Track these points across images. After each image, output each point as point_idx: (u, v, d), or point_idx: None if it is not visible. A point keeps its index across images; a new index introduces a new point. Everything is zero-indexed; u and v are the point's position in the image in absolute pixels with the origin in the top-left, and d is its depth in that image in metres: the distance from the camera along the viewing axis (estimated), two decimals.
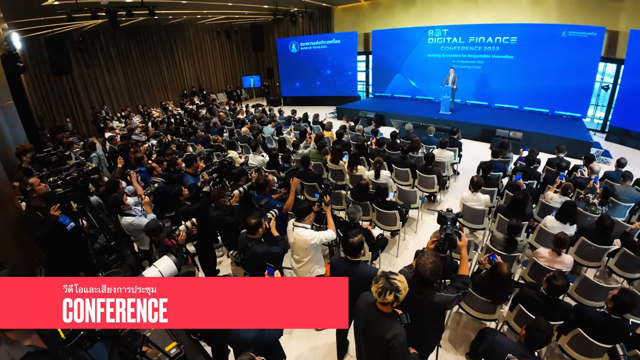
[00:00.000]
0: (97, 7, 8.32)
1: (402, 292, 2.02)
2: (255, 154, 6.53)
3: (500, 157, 6.26)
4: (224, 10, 12.98)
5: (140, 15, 9.79)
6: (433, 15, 12.65)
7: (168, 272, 2.31)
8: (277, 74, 17.04)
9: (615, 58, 9.91)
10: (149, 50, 15.23)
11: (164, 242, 3.18)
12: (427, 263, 2.31)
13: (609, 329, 2.73)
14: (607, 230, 3.90)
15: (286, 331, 3.78)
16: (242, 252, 3.25)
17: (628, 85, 9.46)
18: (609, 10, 9.59)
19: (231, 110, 12.68)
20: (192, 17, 14.19)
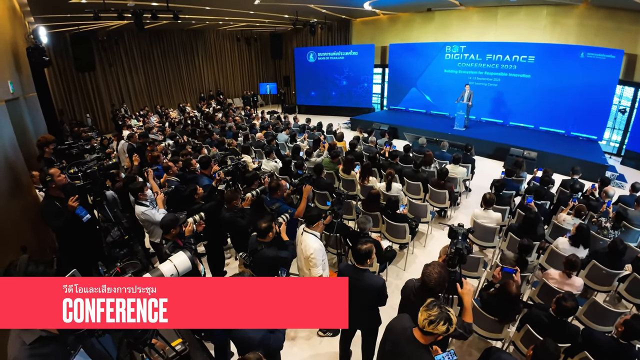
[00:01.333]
0: (123, 8, 8.58)
1: (453, 325, 1.93)
2: (269, 159, 6.61)
3: (513, 176, 6.23)
4: (246, 18, 13.27)
5: (165, 19, 10.06)
6: (451, 32, 12.72)
7: (183, 268, 2.34)
8: (293, 82, 17.28)
9: (634, 81, 9.85)
10: (170, 53, 15.63)
11: (176, 239, 3.23)
12: (432, 273, 2.35)
13: (616, 355, 2.68)
14: (619, 255, 3.86)
15: (289, 337, 3.80)
16: (252, 254, 3.29)
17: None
18: (628, 33, 9.56)
19: (247, 116, 12.86)
20: (214, 23, 14.53)
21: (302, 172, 5.56)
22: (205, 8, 10.30)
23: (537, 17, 10.96)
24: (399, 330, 2.16)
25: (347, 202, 5.34)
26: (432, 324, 1.89)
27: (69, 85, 12.94)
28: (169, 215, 3.30)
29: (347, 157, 6.37)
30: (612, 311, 3.43)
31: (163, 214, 3.80)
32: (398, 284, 4.59)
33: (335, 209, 3.89)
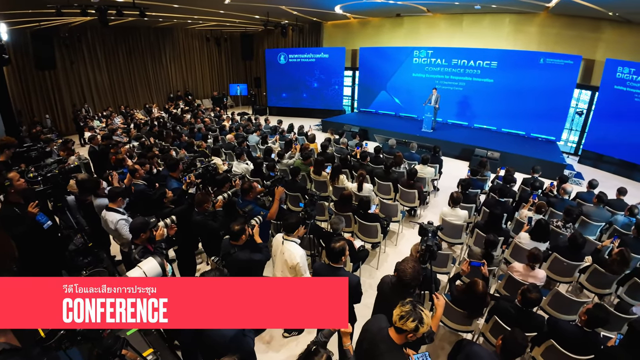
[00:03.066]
0: (87, 4, 8.20)
1: (425, 326, 1.96)
2: (240, 161, 6.53)
3: (478, 175, 6.49)
4: (216, 18, 13.04)
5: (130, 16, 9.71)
6: (419, 37, 13.12)
7: (153, 274, 2.27)
8: (264, 83, 17.13)
9: (590, 85, 10.54)
10: (136, 51, 15.04)
11: (147, 243, 3.12)
12: (407, 268, 2.41)
13: (581, 342, 2.84)
14: (579, 248, 4.09)
15: (264, 340, 3.76)
16: (224, 258, 3.23)
17: (601, 111, 10.05)
18: (587, 40, 10.24)
19: (216, 117, 12.63)
20: (183, 21, 14.18)
21: (274, 174, 5.53)
22: (174, 6, 10.03)
23: (500, 24, 11.54)
24: (376, 330, 2.18)
25: (320, 203, 5.36)
26: (402, 319, 1.94)
27: (28, 85, 12.12)
28: (139, 219, 3.18)
29: (317, 158, 6.40)
30: (574, 301, 3.64)
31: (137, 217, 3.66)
32: (371, 282, 4.67)
33: (308, 210, 3.89)
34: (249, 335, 2.40)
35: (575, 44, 10.35)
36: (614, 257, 3.98)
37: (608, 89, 9.77)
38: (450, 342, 3.67)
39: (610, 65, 9.63)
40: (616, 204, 5.73)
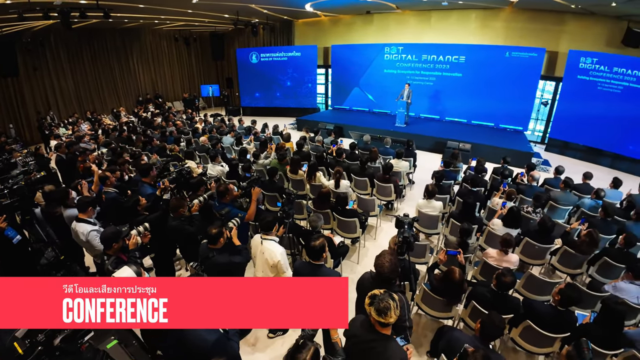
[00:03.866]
0: (50, 7, 7.84)
1: (398, 307, 2.01)
2: (215, 163, 6.42)
3: (451, 167, 6.66)
4: (184, 17, 12.73)
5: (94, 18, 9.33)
6: (390, 33, 13.31)
7: None
8: (236, 83, 16.89)
9: (554, 76, 11.03)
10: (101, 54, 14.50)
11: (119, 253, 3.02)
12: (384, 262, 2.44)
13: (556, 321, 2.97)
14: (549, 231, 4.28)
15: (249, 343, 3.73)
16: (203, 262, 3.18)
17: (566, 101, 10.55)
18: (550, 33, 10.70)
19: (188, 119, 12.37)
20: (150, 22, 13.77)
21: (250, 175, 5.48)
22: (139, 6, 9.72)
23: (467, 20, 11.90)
24: (358, 328, 2.19)
25: (298, 201, 5.36)
26: (381, 312, 1.96)
27: None
28: (110, 229, 3.08)
29: (293, 157, 6.40)
30: (547, 282, 3.81)
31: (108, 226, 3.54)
32: (353, 277, 4.66)
33: (286, 209, 3.89)
34: (233, 339, 2.37)
35: (540, 37, 10.80)
36: (583, 238, 4.18)
37: (571, 79, 10.26)
38: (432, 330, 3.76)
39: (574, 56, 10.10)
40: (582, 188, 6.03)
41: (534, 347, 3.20)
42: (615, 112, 9.57)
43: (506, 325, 3.12)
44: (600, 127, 9.88)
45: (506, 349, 3.61)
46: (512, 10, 11.07)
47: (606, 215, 4.75)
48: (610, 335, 2.86)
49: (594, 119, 9.96)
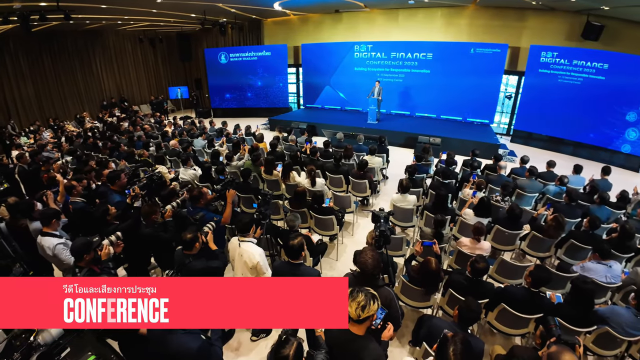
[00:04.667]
0: (9, 11, 7.41)
1: (378, 299, 2.04)
2: (187, 167, 6.26)
3: (423, 160, 6.83)
4: (148, 17, 12.35)
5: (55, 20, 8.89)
6: (359, 32, 13.46)
7: None
8: (206, 84, 16.53)
9: (517, 71, 11.51)
10: (63, 58, 13.82)
11: (91, 265, 2.90)
12: (367, 259, 2.45)
13: (529, 302, 3.10)
14: (517, 218, 4.48)
15: (232, 348, 3.68)
16: (179, 269, 3.09)
17: (528, 94, 11.06)
18: (512, 29, 11.18)
19: (157, 123, 12.03)
20: (113, 22, 13.25)
21: (224, 177, 5.40)
22: (101, 7, 9.34)
23: (433, 18, 12.24)
24: (338, 331, 2.18)
25: (274, 202, 5.33)
26: (365, 308, 1.97)
27: None
28: (80, 240, 2.93)
29: (267, 157, 6.36)
30: (519, 266, 3.99)
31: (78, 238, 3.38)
32: (333, 274, 4.75)
33: (263, 210, 3.86)
34: (216, 344, 2.33)
35: (502, 33, 11.27)
36: (549, 223, 4.40)
37: (533, 72, 10.77)
38: (413, 320, 3.83)
39: (535, 50, 10.60)
40: (547, 175, 6.36)
41: (510, 329, 3.34)
42: (576, 102, 10.15)
43: (482, 310, 3.24)
44: (562, 117, 10.45)
45: (484, 332, 3.76)
46: (476, 7, 11.48)
47: (570, 200, 5.02)
48: (581, 314, 3.01)
49: (556, 110, 10.52)
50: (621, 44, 9.61)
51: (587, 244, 4.21)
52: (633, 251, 4.25)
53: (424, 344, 2.62)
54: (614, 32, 9.69)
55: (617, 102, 9.49)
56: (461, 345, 1.87)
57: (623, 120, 9.47)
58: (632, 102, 9.25)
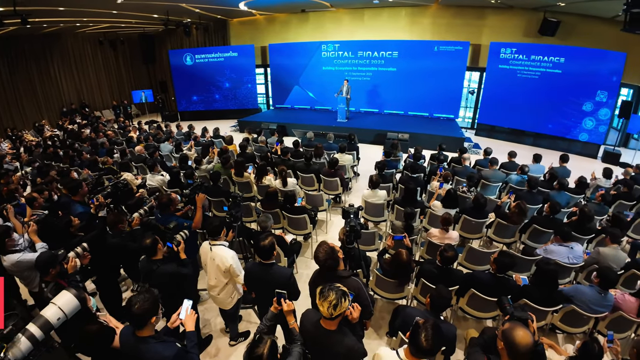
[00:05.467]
0: None
1: (348, 295, 2.06)
2: (154, 173, 6.07)
3: (392, 156, 6.97)
4: (108, 19, 11.87)
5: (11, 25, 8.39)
6: (326, 31, 13.57)
7: (70, 308, 2.11)
8: (171, 87, 16.03)
9: (479, 67, 12.01)
10: (18, 64, 13.01)
11: (58, 279, 2.77)
12: (318, 253, 2.50)
13: (496, 286, 3.24)
14: (482, 207, 4.67)
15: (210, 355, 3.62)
16: (148, 277, 2.99)
17: (490, 88, 11.55)
18: (473, 27, 11.66)
19: (121, 129, 11.60)
20: (71, 25, 12.62)
21: (193, 182, 5.30)
22: (59, 9, 8.90)
23: (397, 17, 12.55)
24: (311, 327, 2.22)
25: (245, 204, 5.27)
26: (337, 307, 1.99)
27: None
28: (45, 253, 2.83)
29: (237, 159, 6.29)
30: (486, 253, 4.15)
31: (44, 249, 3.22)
32: (308, 273, 4.73)
33: (234, 212, 3.82)
34: (192, 352, 2.28)
35: (463, 31, 11.73)
36: (512, 210, 4.61)
37: (494, 68, 11.26)
38: (389, 312, 3.91)
39: (495, 47, 11.08)
40: (509, 165, 6.68)
41: (481, 313, 3.49)
42: (535, 95, 10.69)
43: (453, 296, 3.36)
44: (522, 110, 10.98)
45: (457, 318, 3.91)
46: (438, 7, 11.88)
47: (531, 188, 5.29)
48: (546, 294, 3.18)
49: (516, 104, 11.03)
50: (576, 38, 10.25)
51: (549, 228, 4.45)
52: (593, 232, 4.53)
53: (399, 333, 2.69)
54: (569, 27, 10.32)
55: (573, 94, 10.08)
56: (432, 331, 1.93)
57: (580, 110, 10.07)
58: (588, 93, 9.85)
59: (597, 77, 9.64)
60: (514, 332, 1.94)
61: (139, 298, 2.07)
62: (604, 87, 9.60)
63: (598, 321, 3.31)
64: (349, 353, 2.11)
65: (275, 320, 2.31)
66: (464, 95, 12.52)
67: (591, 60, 9.62)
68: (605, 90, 9.61)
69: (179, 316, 2.33)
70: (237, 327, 3.76)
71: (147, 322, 2.07)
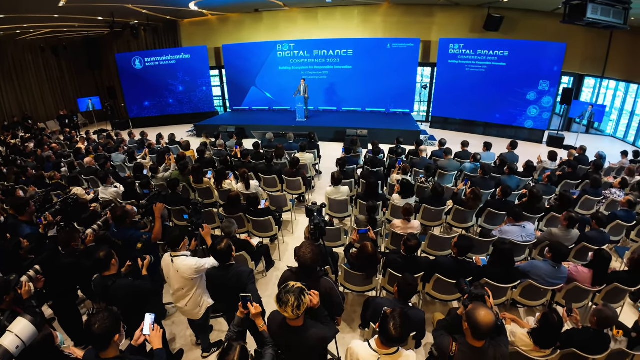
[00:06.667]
0: None
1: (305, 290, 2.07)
2: (106, 185, 5.73)
3: (352, 152, 7.09)
4: (49, 24, 11.06)
5: None
6: (280, 31, 13.52)
7: (27, 335, 2.04)
8: (121, 93, 15.12)
9: (430, 62, 12.56)
10: None
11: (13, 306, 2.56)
12: (306, 253, 2.46)
13: (458, 269, 3.39)
14: (440, 196, 4.88)
15: None
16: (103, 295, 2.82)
17: (441, 83, 12.11)
18: (423, 24, 12.19)
19: (67, 140, 10.89)
20: (10, 32, 11.64)
21: (149, 191, 5.08)
22: None
23: (350, 16, 12.81)
24: (279, 329, 2.21)
25: (207, 210, 5.14)
26: (299, 307, 2.00)
27: None
28: None
29: (195, 165, 6.12)
30: (446, 238, 4.34)
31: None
32: (278, 274, 4.70)
33: (195, 220, 3.71)
34: None
35: (414, 28, 12.24)
36: (468, 196, 4.87)
37: (444, 63, 11.81)
38: (360, 304, 3.95)
39: (444, 43, 11.62)
40: (462, 154, 7.03)
41: (446, 296, 3.65)
42: (483, 88, 11.35)
43: (419, 283, 3.47)
44: (472, 102, 11.61)
45: (426, 303, 4.08)
46: (389, 5, 12.29)
47: (484, 174, 5.60)
48: (504, 272, 3.38)
49: (466, 96, 11.65)
50: (519, 32, 11.07)
51: (502, 210, 4.75)
52: (543, 211, 4.90)
53: (371, 324, 2.75)
54: (512, 22, 11.09)
55: (518, 84, 10.84)
56: (400, 319, 1.99)
57: (524, 99, 10.84)
58: (531, 83, 10.64)
59: (540, 68, 10.42)
60: (476, 312, 2.04)
61: (98, 317, 1.96)
62: (546, 77, 10.39)
63: (555, 293, 3.57)
64: (320, 343, 2.15)
65: (243, 326, 2.28)
66: (418, 90, 13.01)
67: (533, 52, 10.37)
68: (547, 80, 10.40)
69: (142, 332, 2.23)
70: (209, 337, 3.66)
71: (111, 342, 1.97)
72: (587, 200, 5.39)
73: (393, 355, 2.05)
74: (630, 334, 2.79)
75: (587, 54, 11.11)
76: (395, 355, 2.06)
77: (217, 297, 3.08)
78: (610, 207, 5.33)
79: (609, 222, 4.60)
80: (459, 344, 2.16)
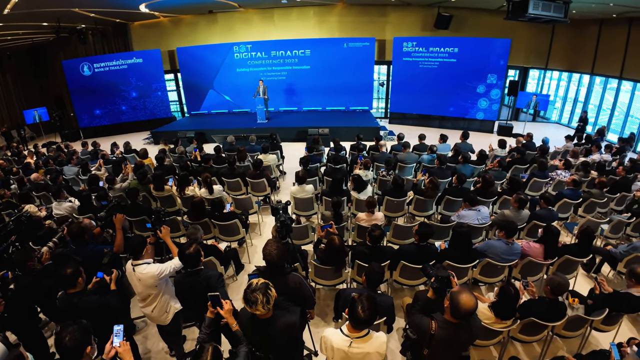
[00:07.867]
0: None
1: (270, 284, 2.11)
2: (60, 200, 5.39)
3: (315, 151, 7.21)
4: None
5: None
6: (237, 33, 13.38)
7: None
8: (69, 102, 14.23)
9: (386, 60, 13.04)
10: None
11: None
12: (272, 250, 2.47)
13: (421, 255, 3.58)
14: (401, 187, 5.10)
15: None
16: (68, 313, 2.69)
17: (397, 80, 12.58)
18: (377, 24, 12.66)
19: (15, 155, 10.16)
20: None
21: (108, 203, 4.88)
22: None
23: (306, 16, 12.96)
24: (250, 324, 2.22)
25: (171, 218, 5.01)
26: (268, 302, 2.05)
27: None
28: None
29: (155, 173, 5.95)
30: (409, 227, 4.54)
31: None
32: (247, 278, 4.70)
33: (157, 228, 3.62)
34: None
35: (369, 28, 12.66)
36: (427, 186, 5.14)
37: (399, 61, 12.30)
38: (332, 298, 4.05)
39: (397, 42, 12.09)
40: (420, 147, 7.37)
41: (413, 281, 3.84)
42: (436, 83, 11.94)
43: (386, 271, 3.62)
44: (427, 97, 12.19)
45: (394, 290, 4.25)
46: (344, 6, 12.60)
47: (441, 164, 5.93)
48: (464, 254, 3.61)
49: (421, 91, 12.21)
50: (467, 30, 11.81)
51: (458, 197, 5.06)
52: (495, 195, 5.29)
53: (343, 314, 2.84)
54: (461, 20, 11.80)
55: (468, 79, 11.52)
56: (367, 302, 2.10)
57: (475, 93, 11.54)
58: (480, 77, 11.37)
59: (487, 63, 11.15)
60: (460, 295, 2.16)
61: (68, 330, 1.90)
62: (494, 71, 11.14)
63: (511, 269, 3.86)
64: (288, 329, 2.20)
65: (214, 326, 2.28)
66: (375, 87, 13.41)
67: (481, 48, 11.08)
68: (495, 73, 11.15)
69: (112, 344, 2.18)
70: (183, 347, 3.59)
71: (83, 355, 1.91)
72: (536, 182, 5.85)
73: (364, 338, 2.16)
74: (586, 302, 3.08)
75: (532, 48, 12.07)
76: (366, 337, 2.16)
77: (187, 303, 3.04)
78: (557, 187, 5.83)
79: (557, 201, 5.04)
80: (437, 321, 2.29)
